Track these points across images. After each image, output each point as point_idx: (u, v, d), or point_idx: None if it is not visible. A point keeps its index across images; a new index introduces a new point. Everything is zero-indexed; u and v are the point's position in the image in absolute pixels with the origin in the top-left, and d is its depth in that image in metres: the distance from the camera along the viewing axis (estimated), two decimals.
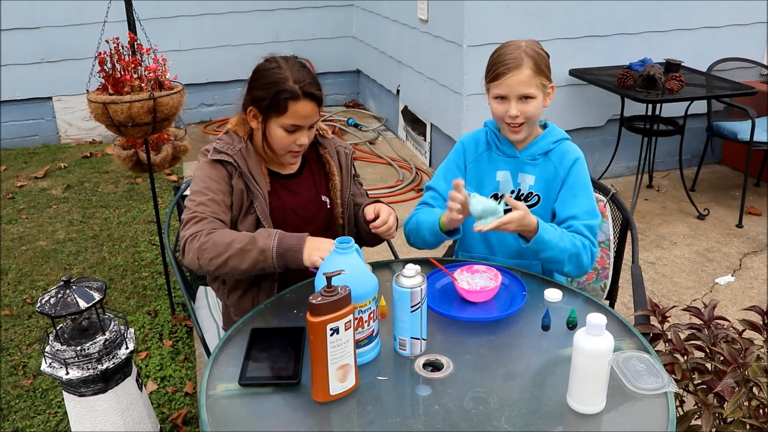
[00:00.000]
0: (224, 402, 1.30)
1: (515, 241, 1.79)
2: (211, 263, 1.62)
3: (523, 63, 1.73)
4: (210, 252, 1.62)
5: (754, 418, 1.44)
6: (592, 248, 1.78)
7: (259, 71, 1.75)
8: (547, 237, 1.69)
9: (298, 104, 1.69)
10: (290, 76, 1.69)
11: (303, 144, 1.75)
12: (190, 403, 2.49)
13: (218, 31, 5.60)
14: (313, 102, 1.71)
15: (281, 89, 1.68)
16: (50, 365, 1.81)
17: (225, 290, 1.86)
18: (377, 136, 5.38)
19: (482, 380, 1.36)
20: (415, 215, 1.94)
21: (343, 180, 1.92)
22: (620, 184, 4.36)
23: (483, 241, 1.93)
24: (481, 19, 3.81)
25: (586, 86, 4.06)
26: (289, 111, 1.69)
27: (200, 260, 1.63)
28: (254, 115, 1.76)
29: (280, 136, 1.73)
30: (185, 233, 1.66)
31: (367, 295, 1.35)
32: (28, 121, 5.45)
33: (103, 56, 2.44)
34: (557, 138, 1.86)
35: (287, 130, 1.72)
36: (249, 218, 1.76)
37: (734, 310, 2.97)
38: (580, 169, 1.83)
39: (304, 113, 1.70)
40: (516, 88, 1.74)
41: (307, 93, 1.69)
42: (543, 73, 1.76)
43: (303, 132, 1.74)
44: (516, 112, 1.76)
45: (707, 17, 4.24)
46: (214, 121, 5.86)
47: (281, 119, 1.71)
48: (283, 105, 1.68)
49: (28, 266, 3.50)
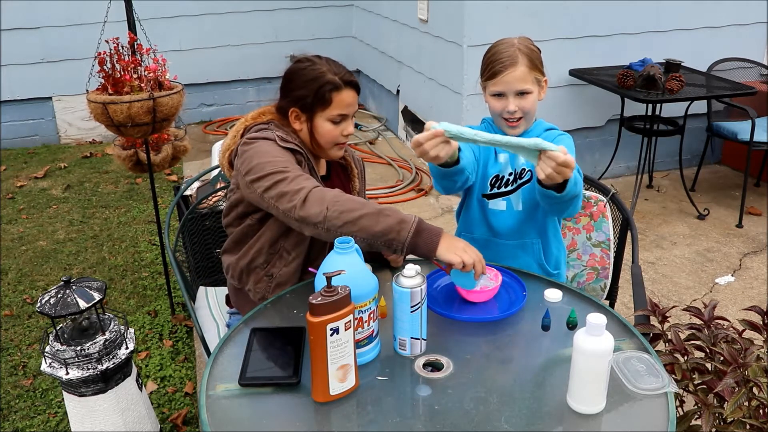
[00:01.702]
0: (224, 402, 1.30)
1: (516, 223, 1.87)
2: (341, 216, 1.52)
3: (518, 60, 1.78)
4: (344, 205, 1.53)
5: (754, 418, 1.44)
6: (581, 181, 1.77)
7: (293, 72, 1.78)
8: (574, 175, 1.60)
9: (342, 93, 1.74)
10: (327, 69, 1.74)
11: (350, 133, 1.80)
12: (190, 403, 2.49)
13: (218, 31, 5.60)
14: (353, 90, 1.77)
15: (323, 83, 1.73)
16: (50, 365, 1.81)
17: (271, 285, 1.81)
18: (377, 136, 5.38)
19: (482, 380, 1.36)
20: None
21: (360, 183, 1.99)
22: (620, 184, 4.36)
23: (484, 222, 1.96)
24: (481, 19, 3.81)
25: (586, 86, 4.06)
26: (334, 102, 1.74)
27: (329, 211, 1.53)
28: (296, 116, 1.78)
29: (328, 130, 1.77)
30: (300, 184, 1.58)
31: (367, 295, 1.35)
32: (28, 121, 5.45)
33: (103, 56, 2.44)
34: (547, 127, 1.93)
35: (334, 121, 1.76)
36: None
37: (734, 310, 2.97)
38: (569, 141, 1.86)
39: (348, 101, 1.76)
40: (513, 84, 1.79)
41: (348, 81, 1.75)
42: (537, 67, 1.82)
43: (348, 121, 1.79)
44: (514, 108, 1.81)
45: (707, 17, 4.24)
46: (214, 121, 5.86)
47: (327, 112, 1.75)
48: (327, 97, 1.73)
49: (28, 266, 3.50)
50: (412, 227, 1.51)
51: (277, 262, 1.80)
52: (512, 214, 1.91)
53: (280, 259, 1.80)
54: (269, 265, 1.81)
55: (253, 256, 1.81)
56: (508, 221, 1.92)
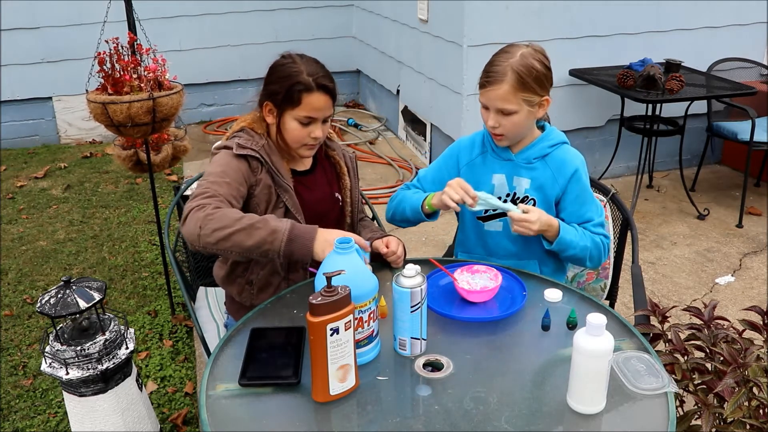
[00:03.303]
0: (224, 402, 1.30)
1: (513, 244, 1.83)
2: (213, 235, 1.54)
3: (504, 78, 1.70)
4: (215, 223, 1.55)
5: (754, 418, 1.44)
6: (608, 242, 1.88)
7: (274, 67, 1.79)
8: (569, 237, 1.77)
9: (312, 96, 1.73)
10: (304, 69, 1.73)
11: (317, 137, 1.77)
12: (190, 403, 2.49)
13: (218, 31, 5.60)
14: (326, 95, 1.75)
15: (295, 81, 1.72)
16: (50, 365, 1.81)
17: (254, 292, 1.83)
18: (377, 136, 5.38)
19: (482, 380, 1.36)
20: (400, 193, 1.99)
21: (351, 180, 1.97)
22: (620, 184, 4.36)
23: (480, 243, 1.94)
24: (481, 19, 3.81)
25: (586, 86, 4.06)
26: (303, 103, 1.73)
27: (202, 230, 1.55)
28: (270, 110, 1.79)
29: (294, 129, 1.76)
30: (191, 204, 1.60)
31: (367, 295, 1.35)
32: (28, 121, 5.45)
33: (103, 56, 2.44)
34: (554, 142, 1.86)
35: (301, 122, 1.75)
36: (277, 212, 1.76)
37: (734, 310, 2.97)
38: (582, 178, 1.84)
39: (317, 105, 1.74)
40: (494, 101, 1.74)
41: (321, 85, 1.73)
42: (529, 88, 1.71)
43: (317, 125, 1.77)
44: (493, 123, 1.77)
45: (707, 17, 4.24)
46: (214, 121, 5.86)
47: (295, 111, 1.74)
48: (297, 97, 1.72)
49: (28, 266, 3.50)
50: (284, 236, 1.55)
51: (254, 267, 1.82)
52: (509, 235, 1.86)
53: (257, 264, 1.81)
54: (248, 272, 1.83)
55: (231, 265, 1.85)
56: (505, 242, 1.90)
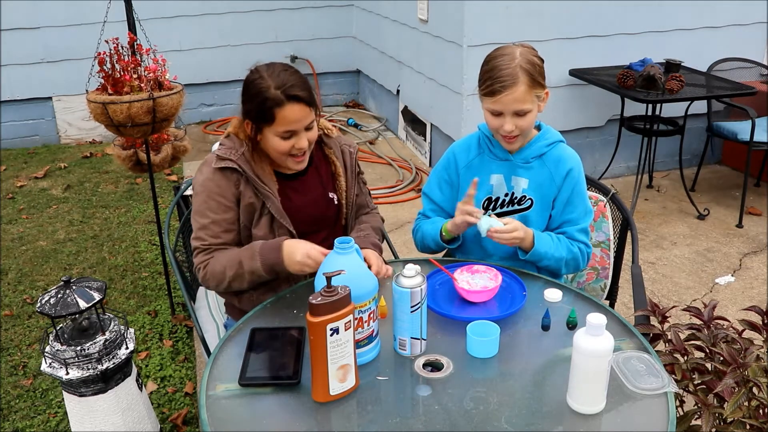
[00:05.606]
0: (224, 402, 1.30)
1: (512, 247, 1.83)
2: (218, 288, 1.78)
3: (518, 80, 1.69)
4: (213, 281, 1.75)
5: (754, 418, 1.44)
6: (587, 250, 1.87)
7: (245, 84, 1.73)
8: (543, 249, 1.78)
9: (284, 109, 1.65)
10: (271, 83, 1.65)
11: (302, 147, 1.71)
12: (190, 403, 2.49)
13: (218, 31, 5.60)
14: (300, 104, 1.66)
15: (263, 98, 1.65)
16: (50, 365, 1.81)
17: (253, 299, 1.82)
18: (377, 136, 5.38)
19: (482, 380, 1.36)
20: (419, 227, 2.01)
21: (348, 180, 1.92)
22: (620, 184, 4.36)
23: (478, 245, 1.93)
24: (481, 19, 3.81)
25: (586, 86, 4.06)
26: (277, 118, 1.66)
27: (210, 286, 1.78)
28: (251, 128, 1.74)
29: (277, 144, 1.70)
30: (195, 261, 1.78)
31: (367, 295, 1.35)
32: (28, 121, 5.45)
33: (103, 56, 2.44)
34: (551, 141, 1.86)
35: (282, 137, 1.69)
36: (263, 219, 1.76)
37: (734, 310, 2.97)
38: (576, 178, 1.84)
39: (292, 117, 1.66)
40: (512, 105, 1.71)
41: (291, 96, 1.65)
42: (538, 84, 1.73)
43: (300, 135, 1.70)
44: (511, 128, 1.75)
45: (707, 17, 4.24)
46: (214, 121, 5.86)
47: (273, 128, 1.68)
48: (269, 114, 1.66)
49: (28, 266, 3.50)
50: (262, 272, 1.69)
51: None
52: None
53: None
54: None
55: None
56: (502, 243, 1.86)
